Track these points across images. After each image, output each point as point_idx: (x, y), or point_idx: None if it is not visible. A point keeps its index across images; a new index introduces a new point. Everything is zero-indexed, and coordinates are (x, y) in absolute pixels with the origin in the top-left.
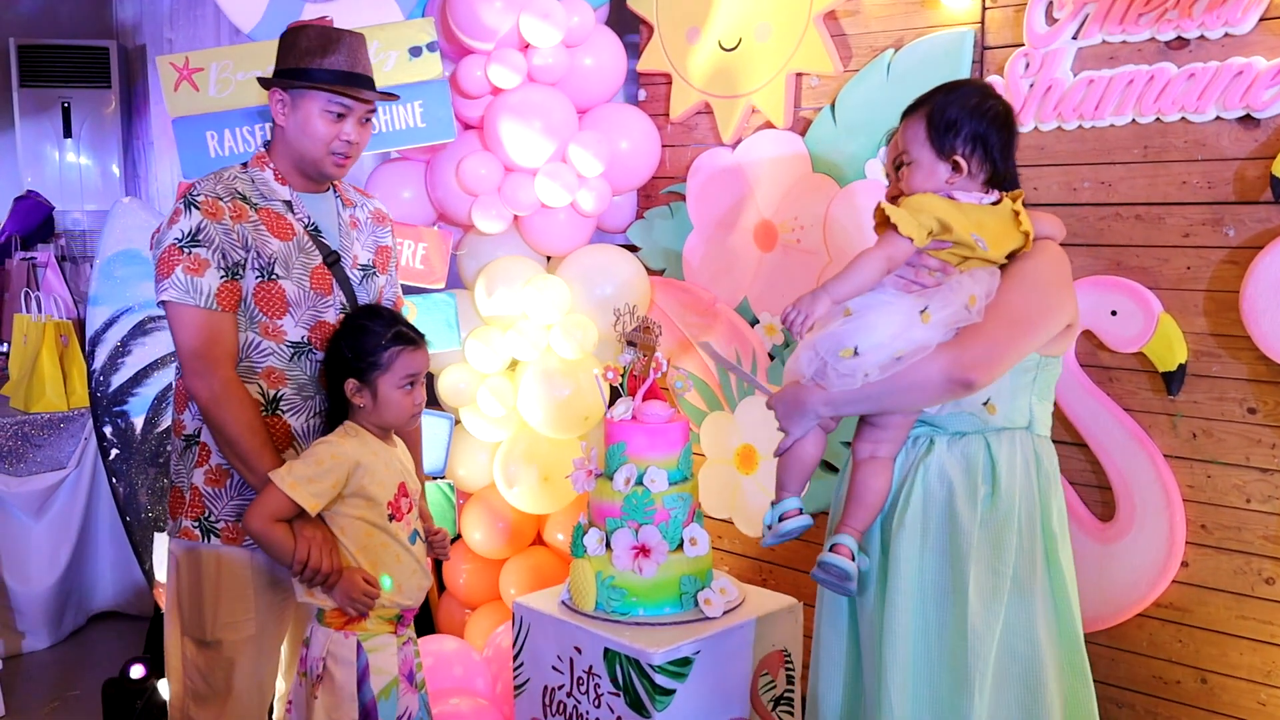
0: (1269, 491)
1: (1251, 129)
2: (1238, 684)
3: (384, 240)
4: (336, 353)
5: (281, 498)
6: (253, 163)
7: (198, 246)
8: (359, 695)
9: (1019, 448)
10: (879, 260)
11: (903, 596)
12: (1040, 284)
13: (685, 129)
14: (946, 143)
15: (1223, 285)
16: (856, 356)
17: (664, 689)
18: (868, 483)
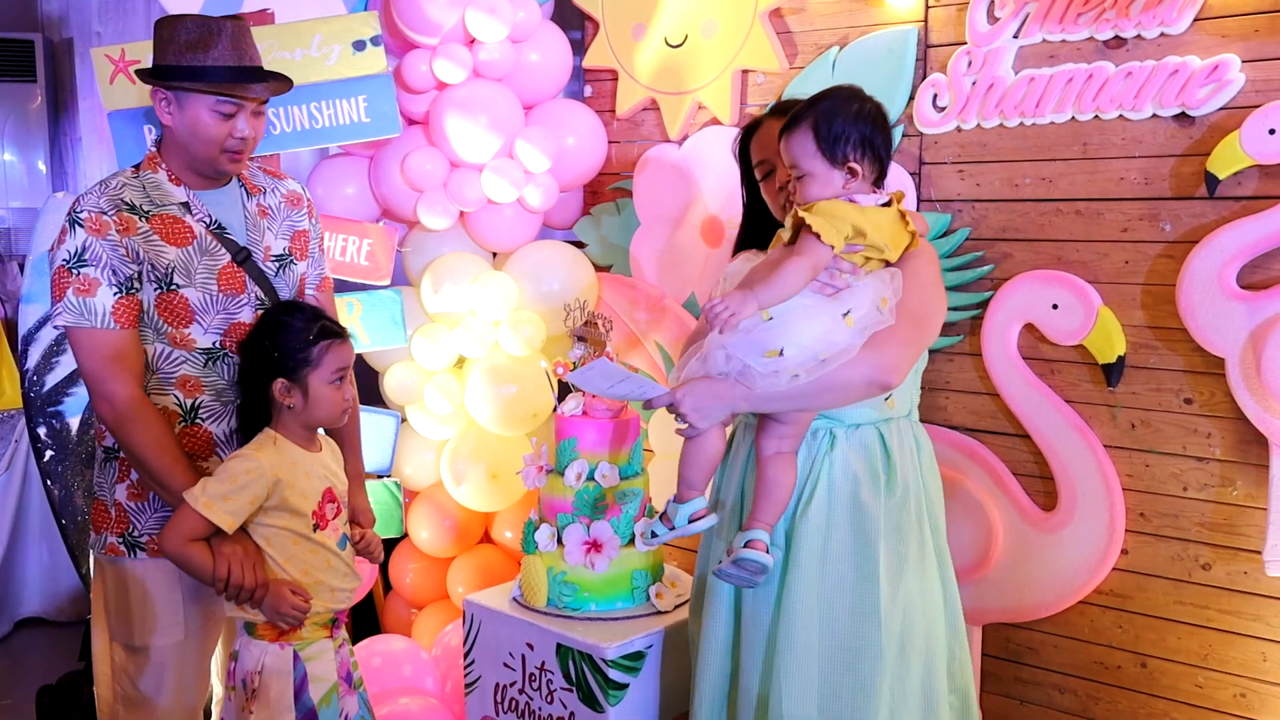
0: (1205, 480)
1: (1187, 126)
2: (1176, 668)
3: (300, 224)
4: (259, 353)
5: (196, 517)
6: (145, 165)
7: (85, 266)
8: (298, 703)
9: (906, 436)
10: (804, 268)
11: (804, 584)
12: (930, 283)
13: (632, 125)
14: (839, 152)
15: (1159, 279)
16: (782, 357)
17: (617, 683)
18: (778, 479)
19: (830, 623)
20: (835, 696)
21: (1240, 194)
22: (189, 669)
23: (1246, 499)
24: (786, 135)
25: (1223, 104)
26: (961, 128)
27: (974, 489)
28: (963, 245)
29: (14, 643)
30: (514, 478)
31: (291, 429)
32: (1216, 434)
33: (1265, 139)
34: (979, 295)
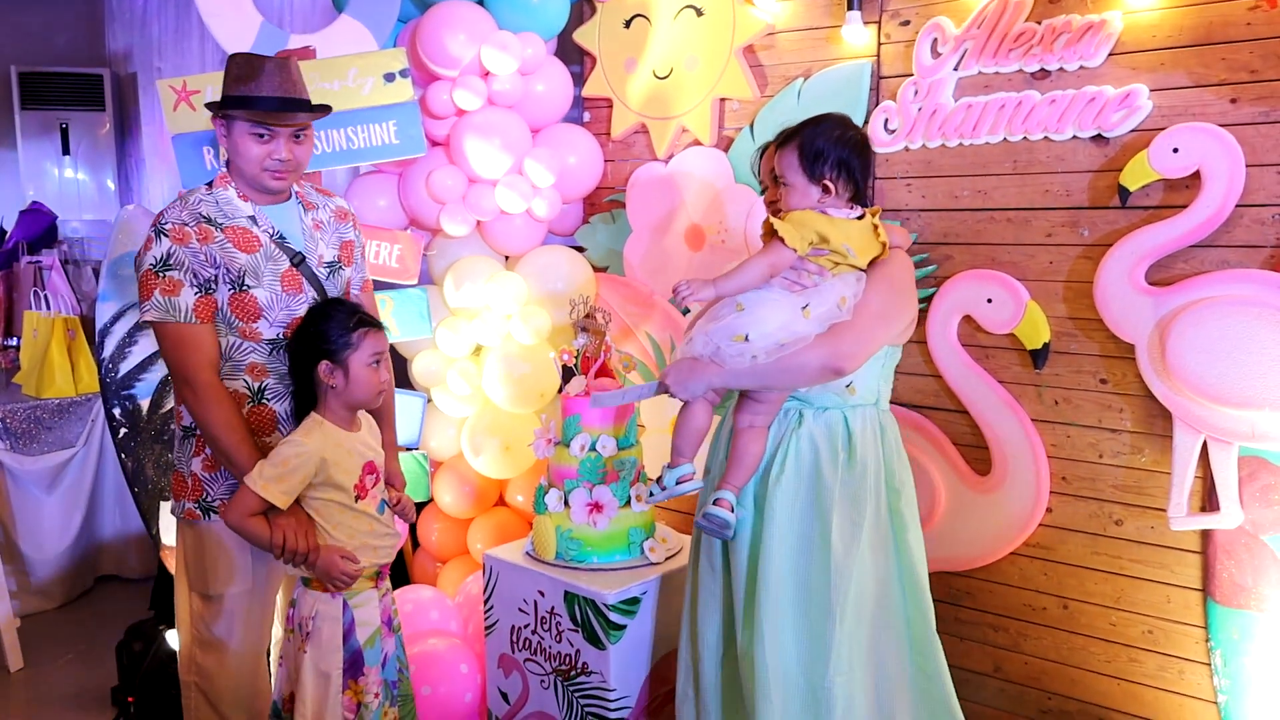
0: (1118, 448)
1: (1102, 146)
2: (1093, 609)
3: (347, 235)
4: (306, 341)
5: (254, 496)
6: (217, 183)
7: (170, 270)
8: (346, 645)
9: (870, 421)
10: (763, 266)
11: (776, 543)
12: (896, 287)
13: (624, 146)
14: (817, 169)
15: (1079, 277)
16: (747, 342)
17: (617, 624)
18: (748, 447)
19: (796, 578)
20: (804, 648)
21: (1148, 204)
22: (255, 614)
23: (1153, 464)
24: (779, 149)
25: (1133, 127)
26: (909, 147)
27: (919, 457)
28: (910, 249)
29: (94, 596)
30: (525, 449)
31: (335, 410)
32: (1127, 409)
33: (1170, 156)
34: (924, 291)
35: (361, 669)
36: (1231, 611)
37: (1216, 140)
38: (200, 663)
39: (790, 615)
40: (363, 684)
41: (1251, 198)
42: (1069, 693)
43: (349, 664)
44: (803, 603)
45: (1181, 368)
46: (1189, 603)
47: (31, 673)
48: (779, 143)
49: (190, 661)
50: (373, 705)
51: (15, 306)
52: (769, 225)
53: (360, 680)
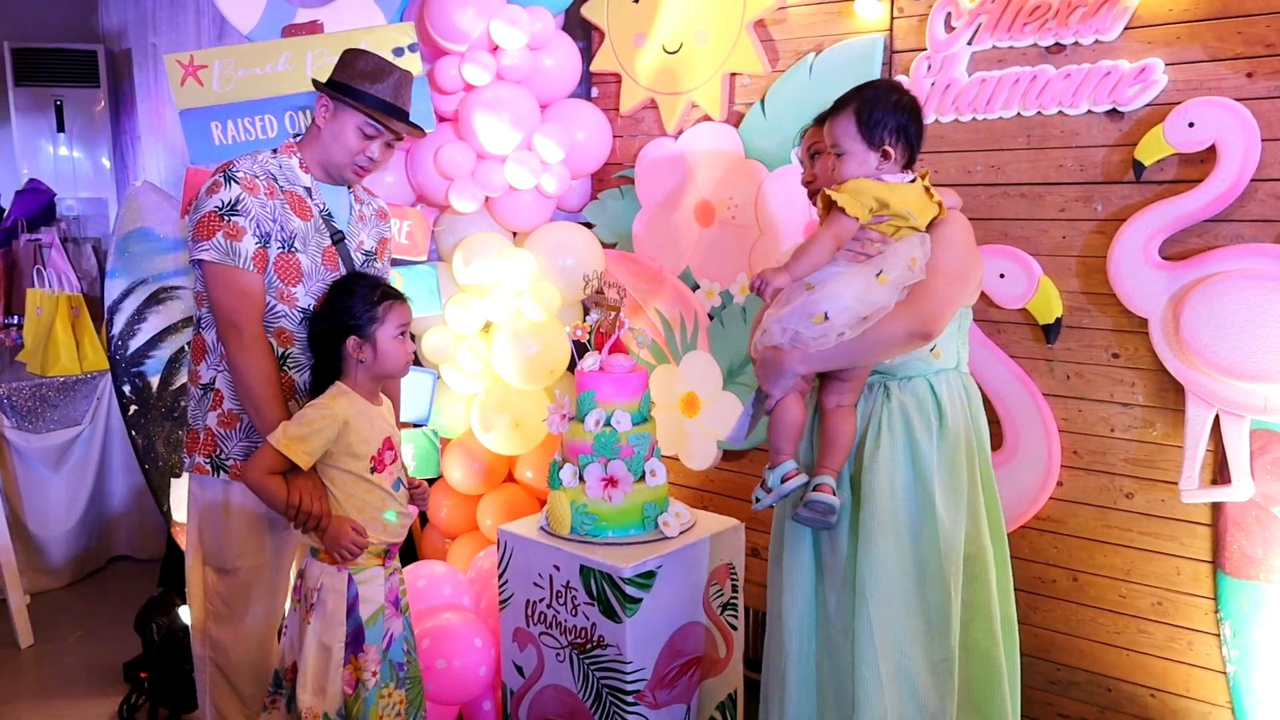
0: (1129, 422)
1: (1117, 121)
2: (1103, 581)
3: (385, 234)
4: (331, 316)
5: (276, 454)
6: (283, 149)
7: (236, 215)
8: (348, 620)
9: (955, 385)
10: (828, 239)
11: (879, 523)
12: (963, 246)
13: (633, 121)
14: (876, 135)
15: (1092, 252)
16: (827, 320)
17: (633, 598)
18: (839, 428)
19: (902, 549)
20: (918, 625)
21: (1162, 178)
22: (270, 588)
23: (1164, 438)
24: (832, 118)
25: (1148, 101)
26: None
27: None
28: None
29: (104, 575)
30: (534, 425)
31: (361, 383)
32: (1139, 383)
33: (1185, 131)
34: None
35: (362, 645)
36: (1241, 583)
37: (1232, 114)
38: (215, 637)
39: (900, 596)
40: (362, 661)
41: (1267, 172)
42: (1078, 664)
43: (351, 638)
44: (916, 581)
45: (1195, 342)
46: (1199, 574)
47: (42, 649)
48: (831, 112)
49: (205, 635)
50: (370, 683)
51: (16, 284)
52: (826, 198)
53: (360, 657)
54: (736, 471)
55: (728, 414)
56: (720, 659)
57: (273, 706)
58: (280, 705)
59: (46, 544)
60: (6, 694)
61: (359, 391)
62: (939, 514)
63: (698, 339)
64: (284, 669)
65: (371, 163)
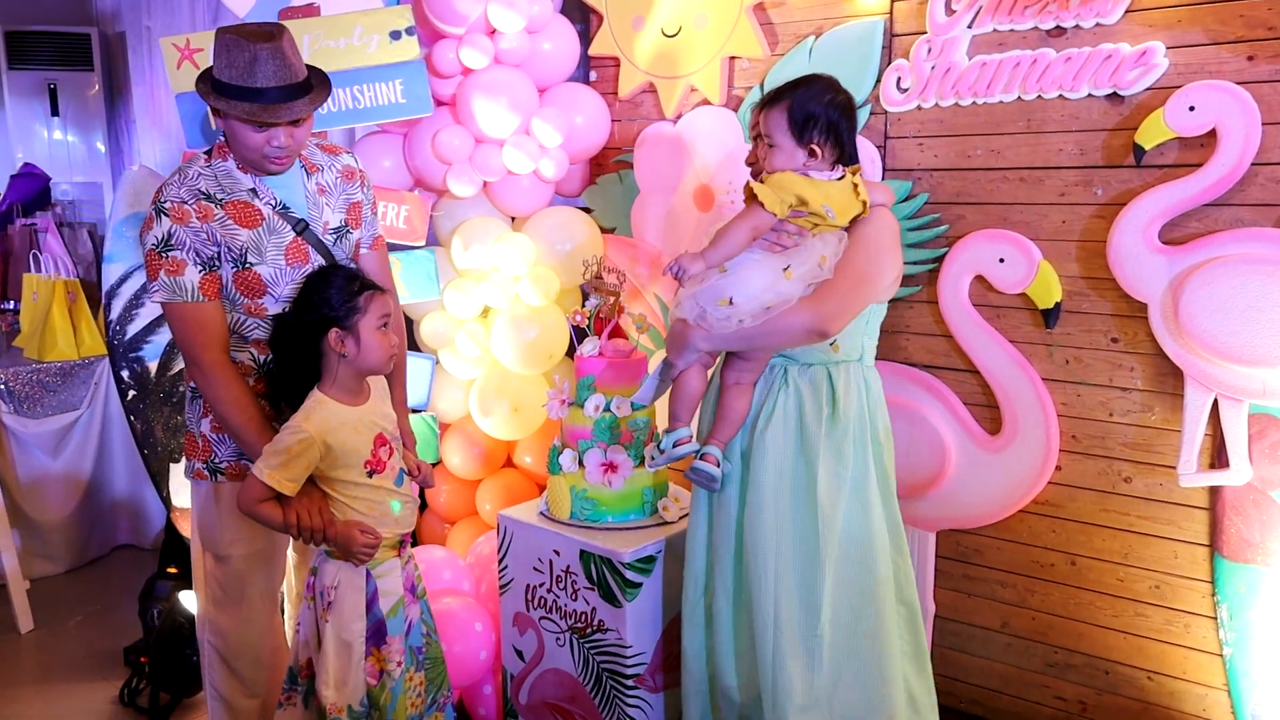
0: (1128, 407)
1: (1117, 105)
2: (1101, 565)
3: (355, 196)
4: (310, 310)
5: (262, 485)
6: (215, 153)
7: (172, 250)
8: (369, 614)
9: (853, 376)
10: (745, 230)
11: (764, 494)
12: (877, 247)
13: (632, 105)
14: (805, 133)
15: (1092, 236)
16: (732, 305)
17: (633, 582)
18: (733, 404)
19: (781, 525)
20: (795, 597)
21: (1163, 163)
22: (264, 574)
23: (1163, 423)
24: (765, 110)
25: (1149, 85)
26: (922, 106)
27: (930, 417)
28: (922, 208)
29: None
30: (533, 410)
31: (342, 382)
32: (1138, 368)
33: (1185, 115)
34: (936, 251)
35: (385, 638)
36: (1238, 566)
37: (1233, 98)
38: (215, 622)
39: (775, 567)
40: (385, 652)
41: (1267, 156)
42: (1076, 647)
43: (372, 633)
44: (790, 554)
45: (1194, 326)
46: (1196, 558)
47: (42, 634)
48: (766, 102)
49: (206, 620)
50: (395, 673)
51: (11, 269)
52: (750, 189)
53: (383, 649)
54: None
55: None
56: None
57: (288, 703)
58: (296, 701)
59: (46, 530)
60: (7, 678)
61: (338, 392)
62: (820, 496)
63: None
64: (298, 666)
65: (283, 150)
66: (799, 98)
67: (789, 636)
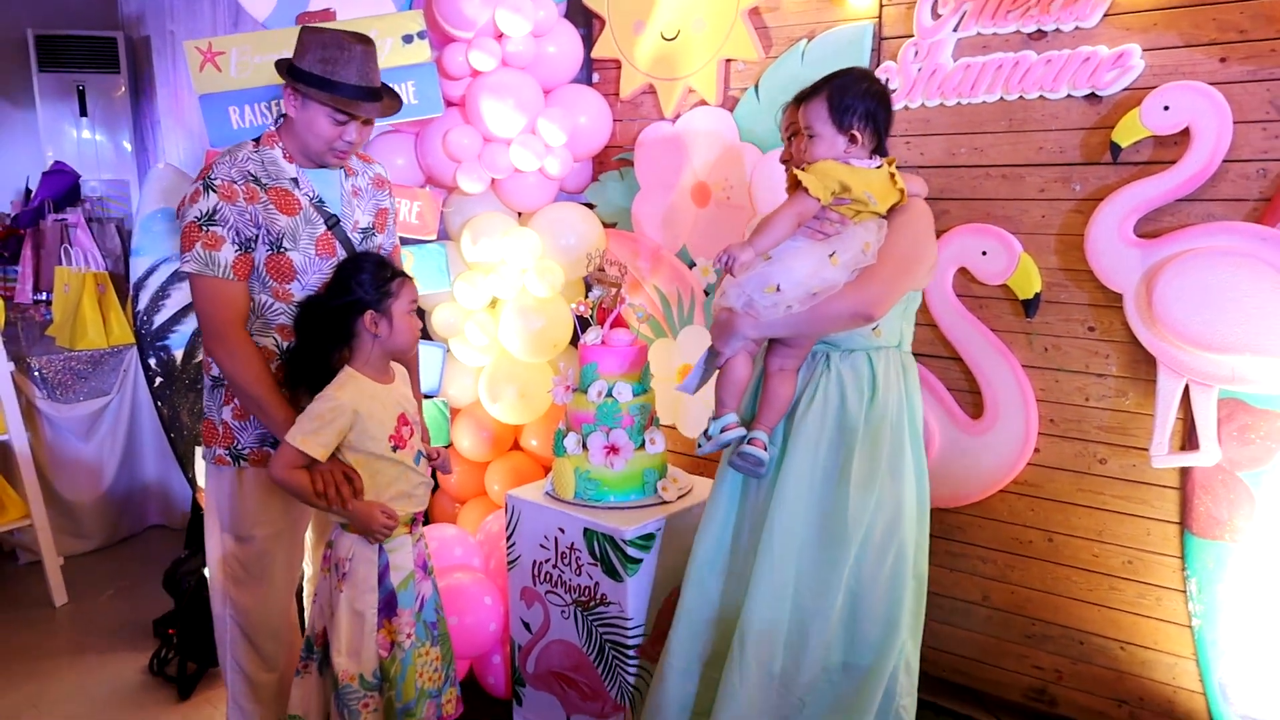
0: (1103, 392)
1: (1095, 105)
2: (1077, 541)
3: (383, 203)
4: (346, 292)
5: (294, 451)
6: (264, 140)
7: (214, 225)
8: (380, 587)
9: (893, 362)
10: (791, 216)
11: (795, 476)
12: (916, 234)
13: (633, 106)
14: (845, 120)
15: (1070, 230)
16: (779, 292)
17: (633, 559)
18: (778, 390)
19: (811, 510)
20: (807, 572)
21: (1138, 160)
22: (287, 553)
23: (1136, 407)
24: (804, 102)
25: (1126, 85)
26: (909, 106)
27: None
28: None
29: (135, 540)
30: (539, 396)
31: (371, 362)
32: (1114, 355)
33: (1160, 114)
34: None
35: (395, 610)
36: (1207, 543)
37: (1206, 98)
38: (235, 598)
39: (801, 538)
40: (396, 624)
41: (1237, 153)
42: (1053, 619)
43: (384, 604)
44: (817, 530)
45: (1167, 315)
46: (1167, 535)
47: (75, 608)
48: (806, 95)
49: (225, 597)
50: (405, 644)
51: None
52: (793, 177)
53: (394, 620)
54: None
55: None
56: None
57: (305, 671)
58: (312, 670)
59: (79, 510)
60: (43, 648)
61: (369, 370)
62: (852, 478)
63: (694, 314)
64: (314, 635)
65: (350, 145)
66: (837, 86)
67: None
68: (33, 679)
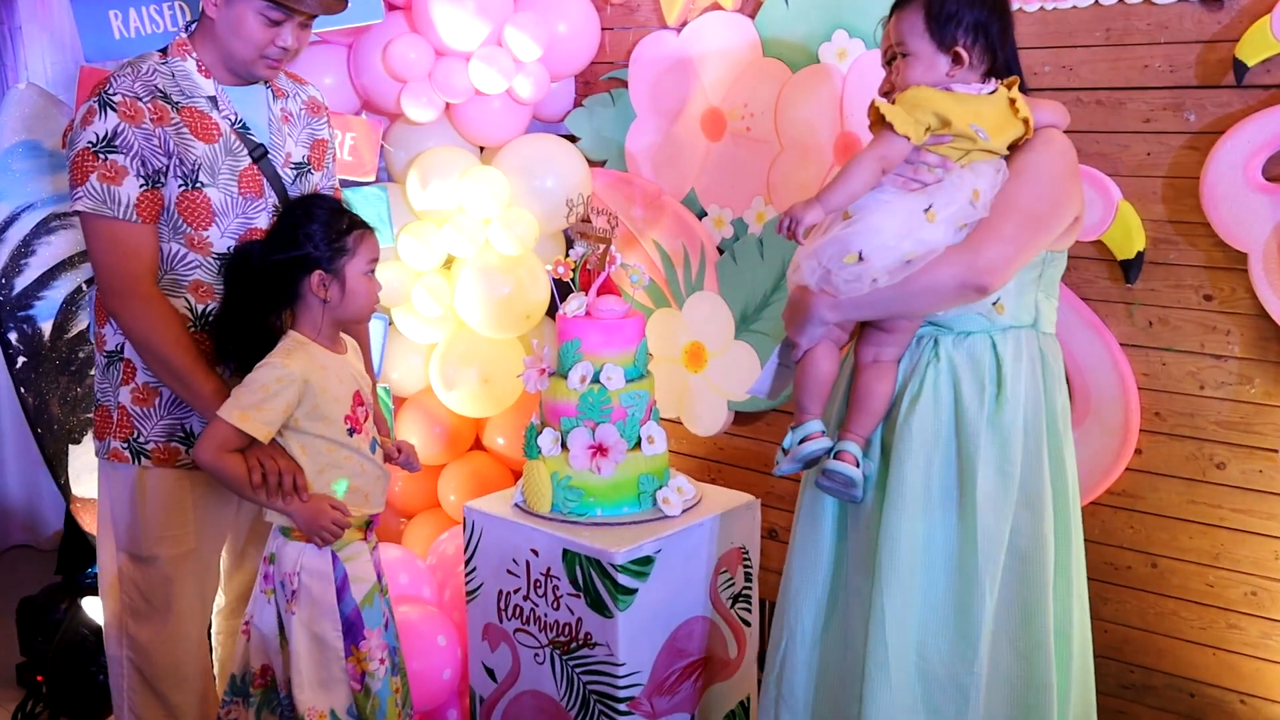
0: (1222, 378)
1: (1215, 11)
2: (1187, 567)
3: (320, 133)
4: (292, 244)
5: (230, 430)
6: (173, 50)
7: (114, 153)
8: (340, 605)
9: (1025, 346)
10: (873, 162)
11: (907, 501)
12: (1048, 177)
13: (627, 10)
14: (948, 34)
15: (1182, 171)
16: (862, 261)
17: (626, 588)
18: (872, 387)
19: (931, 534)
20: (937, 627)
21: (1269, 82)
22: (199, 578)
23: (1264, 396)
24: (898, 11)
25: None
26: None
27: None
28: None
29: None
30: (506, 382)
31: (320, 329)
32: (1236, 331)
33: None
34: None
35: (362, 632)
36: None
37: None
38: (134, 634)
39: (921, 586)
40: (365, 649)
41: None
42: (1155, 665)
43: (347, 627)
44: (940, 573)
45: None
46: None
47: None
48: (898, 4)
49: (121, 633)
50: (379, 674)
51: None
52: (876, 111)
53: (362, 645)
54: (752, 438)
55: (741, 368)
56: (730, 660)
57: (227, 718)
58: (243, 714)
59: None
60: None
61: (320, 340)
62: (979, 499)
63: (704, 278)
64: (249, 674)
65: (284, 52)
66: None
67: (936, 676)
68: None
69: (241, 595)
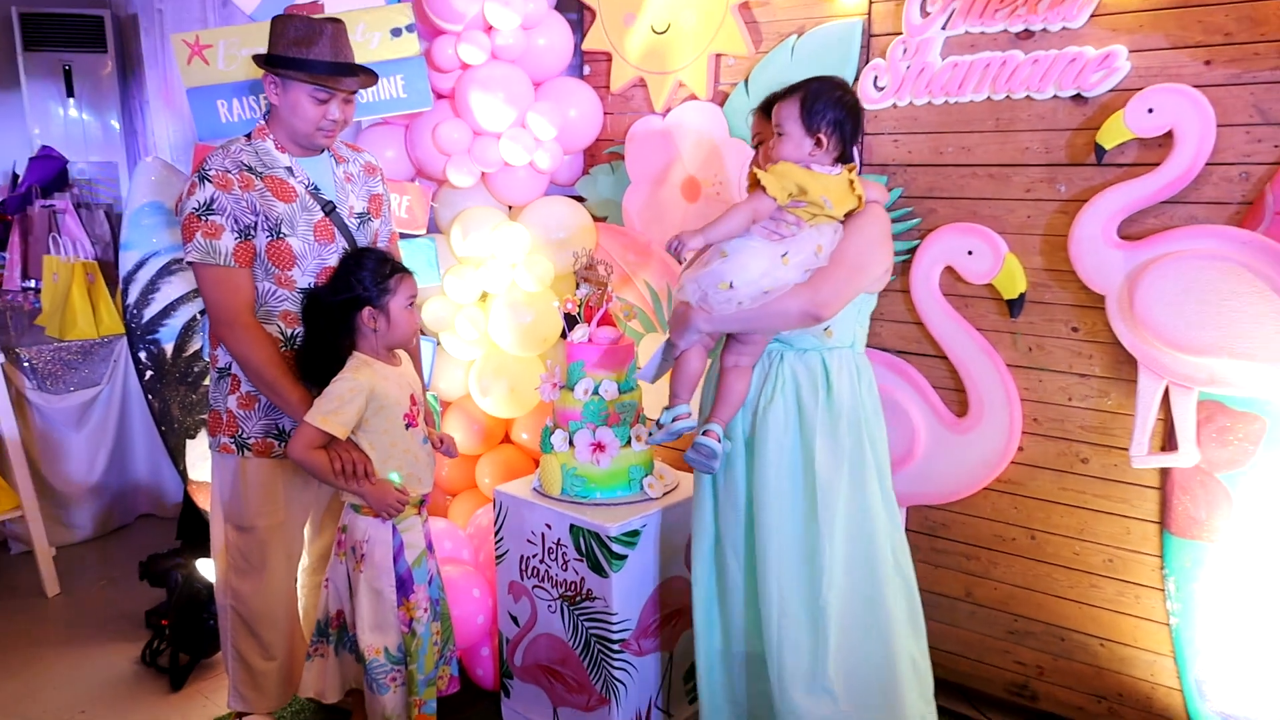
0: (1086, 392)
1: (1081, 106)
2: (1059, 539)
3: (376, 189)
4: (345, 289)
5: (315, 431)
6: (255, 134)
7: (212, 214)
8: (396, 566)
9: (846, 362)
10: (746, 212)
11: (771, 470)
12: (870, 239)
13: (623, 99)
14: (814, 123)
15: (1055, 231)
16: (731, 289)
17: (618, 555)
18: (733, 385)
19: (783, 506)
20: (802, 568)
21: (1123, 161)
22: (287, 543)
23: (1118, 407)
24: (780, 101)
25: (1111, 87)
26: (897, 104)
27: (901, 399)
28: (896, 202)
29: (127, 531)
30: (529, 390)
31: (376, 352)
32: (1096, 356)
33: (1145, 117)
34: (908, 243)
35: (411, 587)
36: (1185, 542)
37: (1190, 101)
38: (236, 588)
39: (784, 539)
40: (414, 600)
41: (1221, 156)
42: (1034, 615)
43: (400, 582)
44: (795, 526)
45: (1148, 317)
46: (1146, 534)
47: (67, 598)
48: (780, 95)
49: (227, 587)
50: (423, 620)
51: (31, 250)
52: (753, 175)
53: (411, 598)
54: None
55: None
56: None
57: (316, 654)
58: (327, 653)
59: (70, 500)
60: (35, 640)
61: (379, 358)
62: (818, 468)
63: None
64: (328, 618)
65: (335, 124)
66: (813, 90)
67: (793, 606)
68: (27, 668)
69: (322, 556)
